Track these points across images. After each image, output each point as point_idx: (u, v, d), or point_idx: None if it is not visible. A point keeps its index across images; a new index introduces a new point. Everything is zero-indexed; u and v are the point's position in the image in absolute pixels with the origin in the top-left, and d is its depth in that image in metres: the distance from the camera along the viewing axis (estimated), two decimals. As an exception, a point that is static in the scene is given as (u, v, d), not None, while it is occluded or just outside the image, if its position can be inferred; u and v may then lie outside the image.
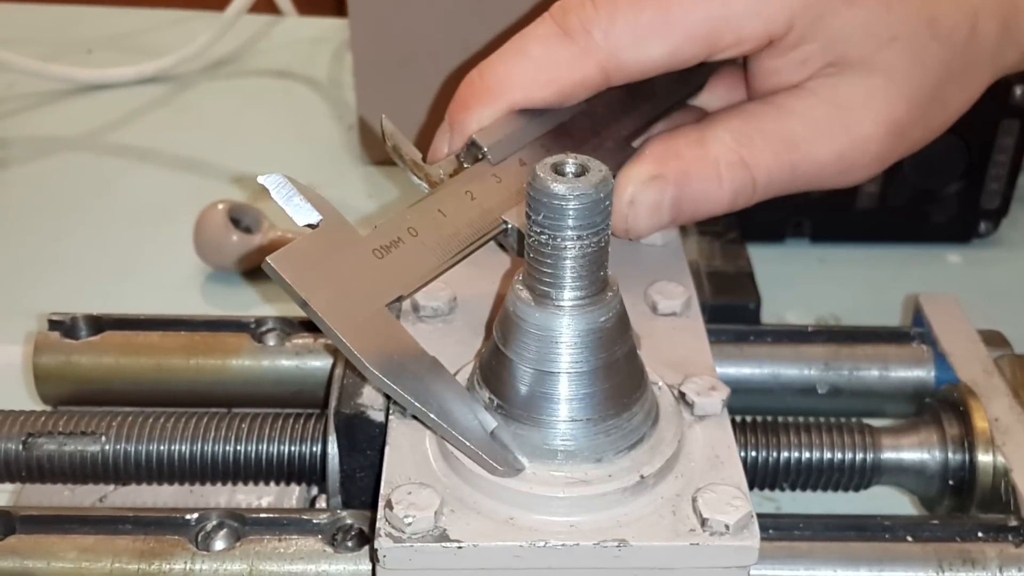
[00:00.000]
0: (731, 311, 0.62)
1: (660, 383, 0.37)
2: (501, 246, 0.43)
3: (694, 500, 0.34)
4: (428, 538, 0.32)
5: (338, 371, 0.41)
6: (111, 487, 0.44)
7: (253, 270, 0.69)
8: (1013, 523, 0.38)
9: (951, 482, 0.41)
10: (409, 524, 0.32)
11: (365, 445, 0.39)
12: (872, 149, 0.43)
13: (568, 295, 0.33)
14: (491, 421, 0.34)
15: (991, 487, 0.40)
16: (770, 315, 0.67)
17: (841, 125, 0.43)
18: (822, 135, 0.43)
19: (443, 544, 0.32)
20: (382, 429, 0.37)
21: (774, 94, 0.44)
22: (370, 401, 0.39)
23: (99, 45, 1.00)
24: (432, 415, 0.34)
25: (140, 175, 0.82)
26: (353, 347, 0.33)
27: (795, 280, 0.71)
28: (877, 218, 0.72)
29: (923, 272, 0.72)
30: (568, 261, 0.33)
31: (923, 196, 0.72)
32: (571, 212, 0.32)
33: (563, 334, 0.33)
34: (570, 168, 0.32)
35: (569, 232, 0.32)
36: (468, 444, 0.33)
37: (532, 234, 0.33)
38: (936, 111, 0.45)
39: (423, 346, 0.40)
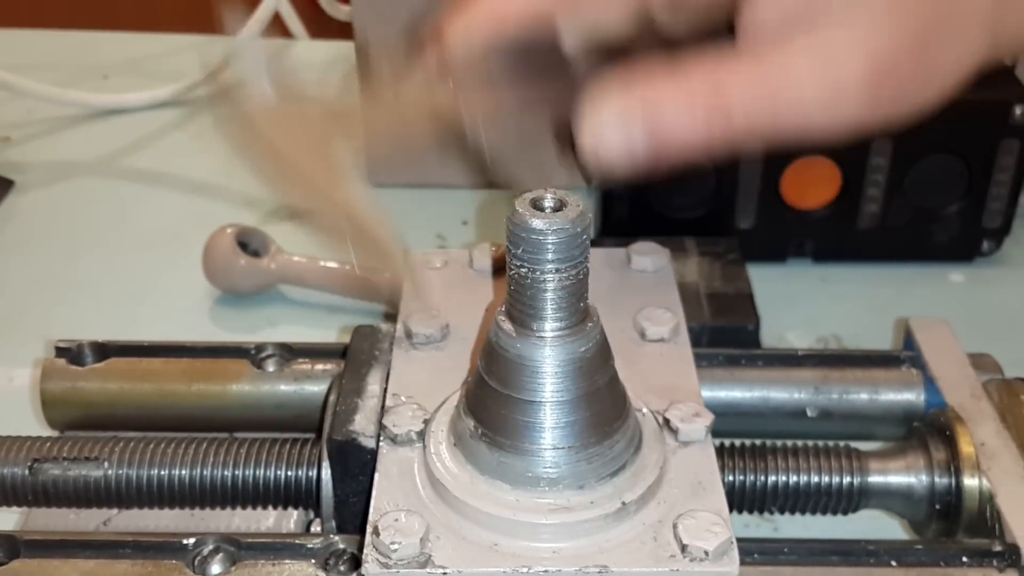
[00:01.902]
0: (730, 333, 0.63)
1: (644, 410, 0.38)
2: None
3: (675, 526, 0.34)
4: (414, 564, 0.33)
5: (332, 398, 0.42)
6: (115, 511, 0.45)
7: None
8: (997, 548, 0.38)
9: (938, 506, 0.42)
10: (395, 550, 0.33)
11: (357, 471, 0.39)
12: (856, 87, 0.41)
13: (549, 326, 0.34)
14: None
15: (977, 512, 0.40)
16: (771, 335, 0.67)
17: (822, 62, 0.41)
18: (803, 73, 0.41)
19: (428, 570, 0.33)
20: (373, 455, 0.38)
21: (755, 32, 0.42)
22: (361, 428, 0.40)
23: (115, 70, 1.02)
24: None
25: (154, 199, 0.84)
26: None
27: (797, 300, 0.72)
28: (879, 237, 0.73)
29: (925, 291, 0.72)
30: (548, 293, 0.33)
31: (925, 215, 0.72)
32: (549, 246, 0.33)
33: (544, 364, 0.34)
34: (548, 203, 0.33)
35: (548, 265, 0.33)
36: None
37: (512, 267, 0.33)
38: (922, 57, 0.42)
39: (417, 374, 0.41)
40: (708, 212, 0.72)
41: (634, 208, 0.72)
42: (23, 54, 1.03)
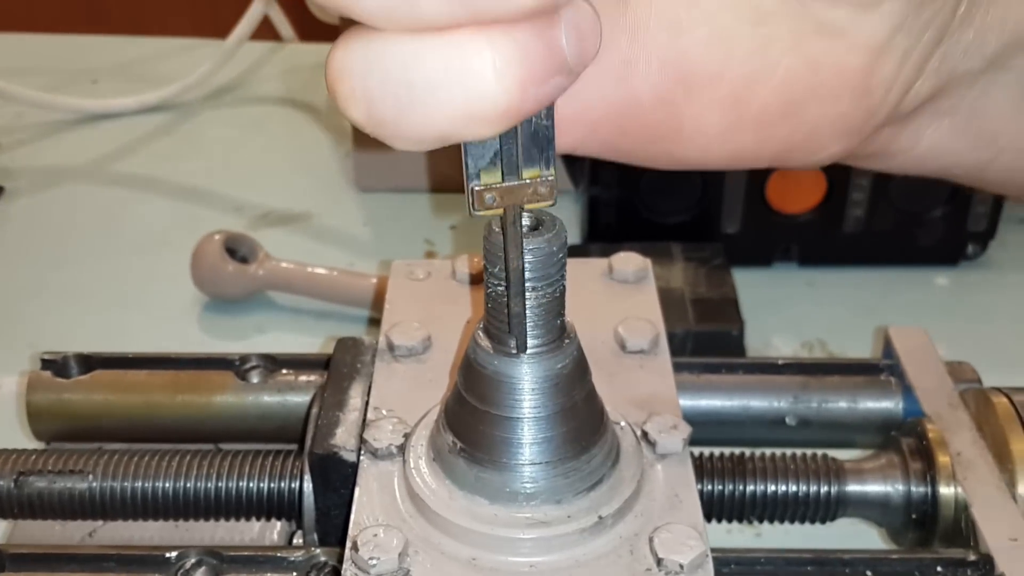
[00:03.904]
0: (714, 338, 0.63)
1: (622, 423, 0.38)
2: None
3: (651, 540, 0.35)
4: (392, 579, 0.34)
5: (314, 410, 0.42)
6: (100, 522, 0.45)
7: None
8: (972, 558, 0.38)
9: (914, 515, 0.42)
10: (374, 566, 0.33)
11: (338, 484, 0.40)
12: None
13: (526, 343, 0.34)
14: None
15: (953, 521, 0.41)
16: (757, 340, 0.68)
17: None
18: None
19: (407, 585, 0.33)
20: (354, 469, 0.38)
21: None
22: (343, 442, 0.40)
23: (104, 75, 1.02)
24: None
25: (142, 204, 0.84)
26: None
27: (783, 304, 0.72)
28: (864, 241, 0.73)
29: (910, 295, 0.73)
30: (525, 312, 0.34)
31: (910, 219, 0.73)
32: (526, 265, 0.33)
33: (522, 381, 0.34)
34: (524, 222, 0.33)
35: (525, 284, 0.33)
36: None
37: (490, 285, 0.34)
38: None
39: (398, 388, 0.42)
40: (694, 217, 0.73)
41: (621, 213, 0.73)
42: (12, 58, 1.03)
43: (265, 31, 1.01)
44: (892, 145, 0.37)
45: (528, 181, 0.29)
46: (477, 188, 0.29)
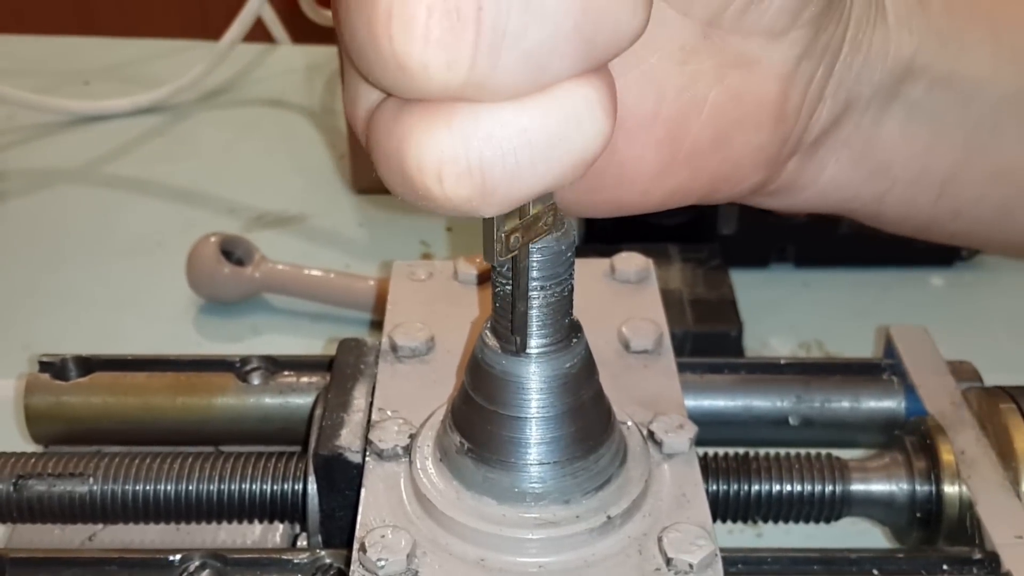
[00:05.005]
0: (713, 339, 0.63)
1: (629, 423, 0.38)
2: None
3: (660, 539, 0.35)
4: (400, 580, 0.33)
5: (317, 412, 0.42)
6: (100, 526, 0.45)
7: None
8: (977, 556, 0.38)
9: (918, 514, 0.42)
10: (382, 567, 0.33)
11: (343, 486, 0.40)
12: None
13: (534, 343, 0.34)
14: None
15: (957, 519, 0.41)
16: (754, 340, 0.68)
17: None
18: None
19: (415, 586, 0.33)
20: (359, 470, 0.38)
21: None
22: (348, 443, 0.40)
23: (96, 76, 1.02)
24: None
25: (136, 206, 0.84)
26: None
27: (779, 305, 0.72)
28: (860, 242, 0.73)
29: (906, 296, 0.73)
30: (533, 311, 0.34)
31: (905, 220, 0.73)
32: (534, 264, 0.33)
33: (530, 380, 0.34)
34: (532, 222, 0.33)
35: (533, 283, 0.33)
36: None
37: (497, 284, 0.34)
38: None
39: (402, 388, 0.41)
40: (691, 218, 0.73)
41: (617, 214, 0.73)
42: (3, 60, 1.02)
43: (258, 33, 1.01)
44: (799, 178, 0.39)
45: (539, 214, 0.31)
46: (504, 234, 0.30)
